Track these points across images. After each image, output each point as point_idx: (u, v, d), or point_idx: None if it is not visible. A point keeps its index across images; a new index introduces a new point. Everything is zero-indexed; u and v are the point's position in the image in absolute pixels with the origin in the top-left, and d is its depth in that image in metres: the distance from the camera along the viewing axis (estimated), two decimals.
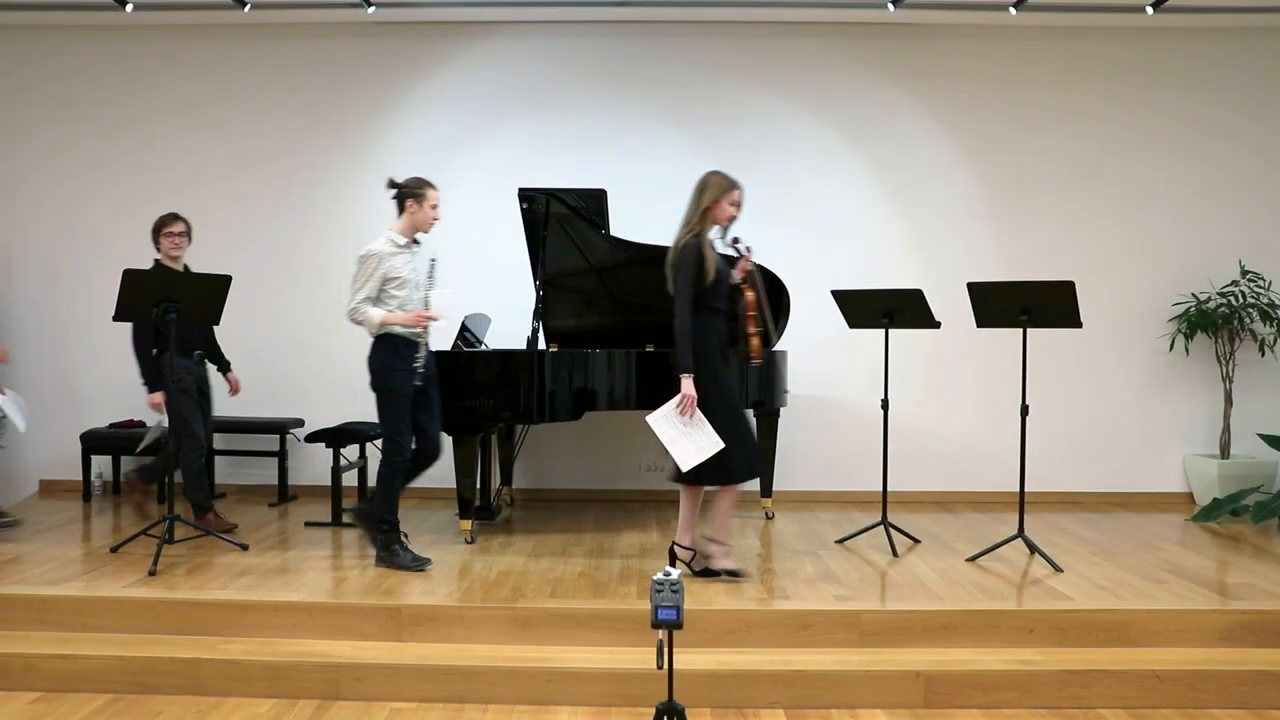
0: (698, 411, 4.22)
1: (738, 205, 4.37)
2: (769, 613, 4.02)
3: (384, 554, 4.64)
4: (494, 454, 6.26)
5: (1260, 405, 6.53)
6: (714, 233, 4.40)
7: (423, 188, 4.53)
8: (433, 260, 4.69)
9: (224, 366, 5.59)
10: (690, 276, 4.24)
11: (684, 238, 4.33)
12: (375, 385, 4.56)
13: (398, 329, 4.50)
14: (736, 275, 4.43)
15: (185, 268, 5.37)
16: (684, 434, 4.24)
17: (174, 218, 5.34)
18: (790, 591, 4.29)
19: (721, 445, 4.20)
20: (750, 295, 4.41)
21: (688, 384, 4.21)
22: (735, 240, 4.44)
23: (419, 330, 4.56)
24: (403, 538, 4.70)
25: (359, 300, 4.45)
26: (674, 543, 4.54)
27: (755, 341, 4.42)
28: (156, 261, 5.29)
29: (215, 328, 5.33)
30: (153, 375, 5.17)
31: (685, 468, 4.24)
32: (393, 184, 4.56)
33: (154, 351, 5.16)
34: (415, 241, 4.61)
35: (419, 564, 4.59)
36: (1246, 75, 6.59)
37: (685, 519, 4.52)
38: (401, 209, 4.55)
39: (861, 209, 6.61)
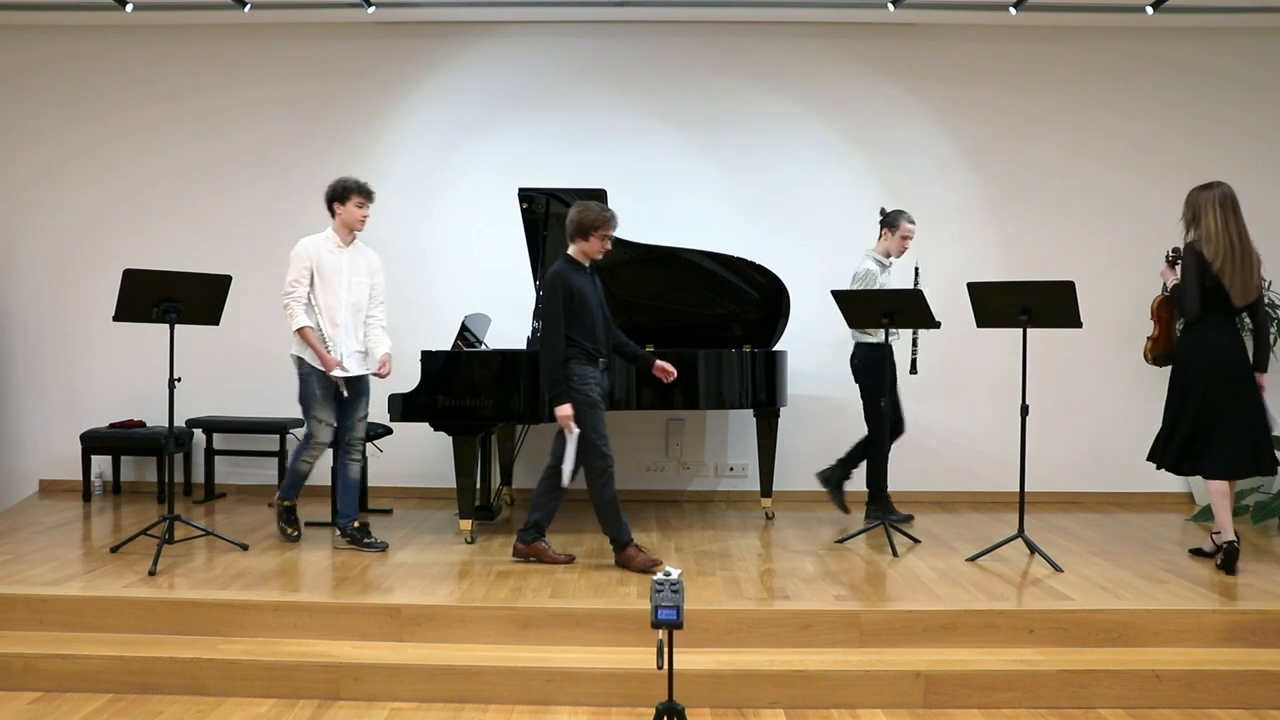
0: None
1: None
2: (769, 613, 4.01)
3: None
4: (494, 454, 6.27)
5: None
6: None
7: (899, 219, 5.57)
8: (916, 269, 5.66)
9: (647, 358, 4.87)
10: None
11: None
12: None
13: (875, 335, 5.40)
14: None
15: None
16: None
17: (612, 215, 4.60)
18: (790, 591, 4.29)
19: None
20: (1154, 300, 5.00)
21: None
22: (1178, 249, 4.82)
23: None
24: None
25: None
26: (1234, 542, 4.61)
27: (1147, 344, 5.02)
28: (571, 258, 4.61)
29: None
30: (560, 383, 4.50)
31: None
32: (884, 211, 5.64)
33: (564, 359, 4.53)
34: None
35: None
36: (1248, 74, 6.59)
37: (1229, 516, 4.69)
38: (882, 233, 5.63)
39: (861, 209, 6.60)
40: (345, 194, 4.97)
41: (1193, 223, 4.74)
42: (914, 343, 5.70)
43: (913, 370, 5.65)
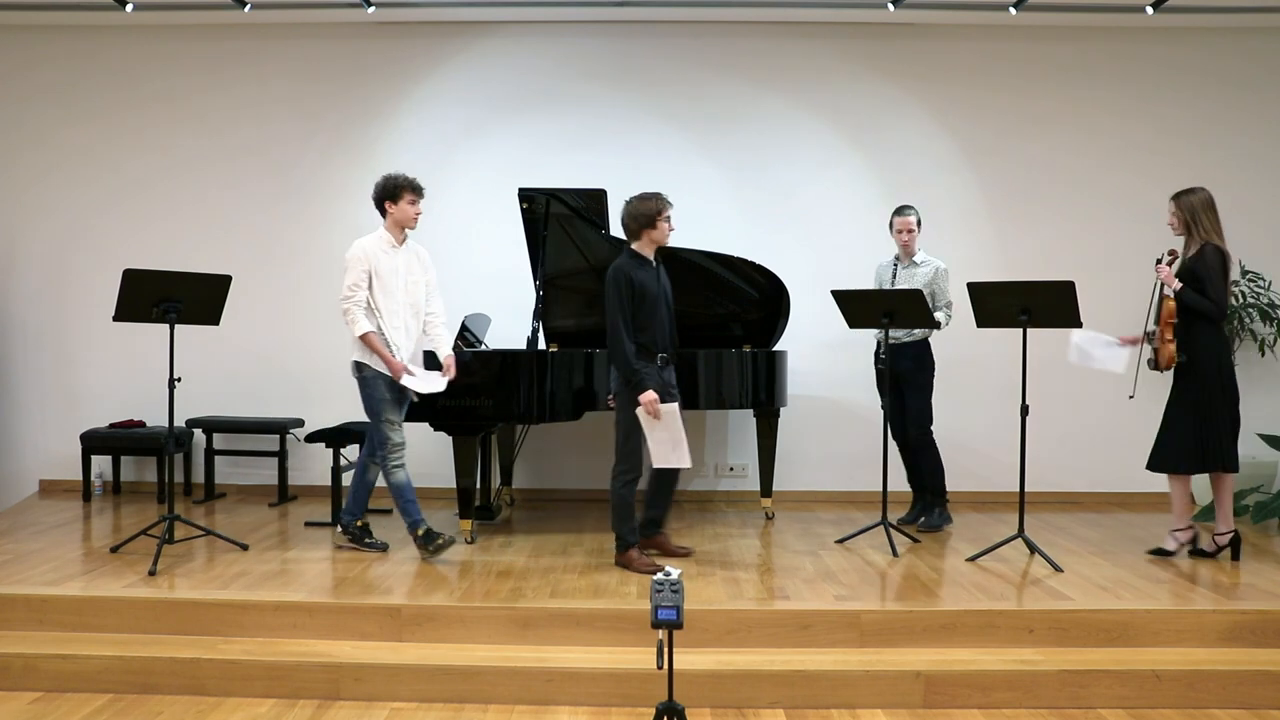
0: None
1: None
2: (769, 613, 4.02)
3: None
4: (494, 454, 6.27)
5: (1260, 405, 6.51)
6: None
7: (892, 218, 5.61)
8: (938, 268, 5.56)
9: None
10: None
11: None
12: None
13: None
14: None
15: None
16: None
17: (665, 196, 4.67)
18: (790, 591, 4.29)
19: None
20: (1170, 304, 4.85)
21: None
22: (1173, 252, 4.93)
23: None
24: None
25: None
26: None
27: (1169, 349, 4.87)
28: (633, 252, 4.67)
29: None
30: (637, 373, 4.51)
31: None
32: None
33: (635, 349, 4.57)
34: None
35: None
36: (1248, 74, 6.59)
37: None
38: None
39: (861, 209, 6.61)
40: (397, 191, 4.77)
41: (1194, 226, 4.78)
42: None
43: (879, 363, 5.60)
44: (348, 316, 4.72)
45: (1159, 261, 4.87)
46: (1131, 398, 4.94)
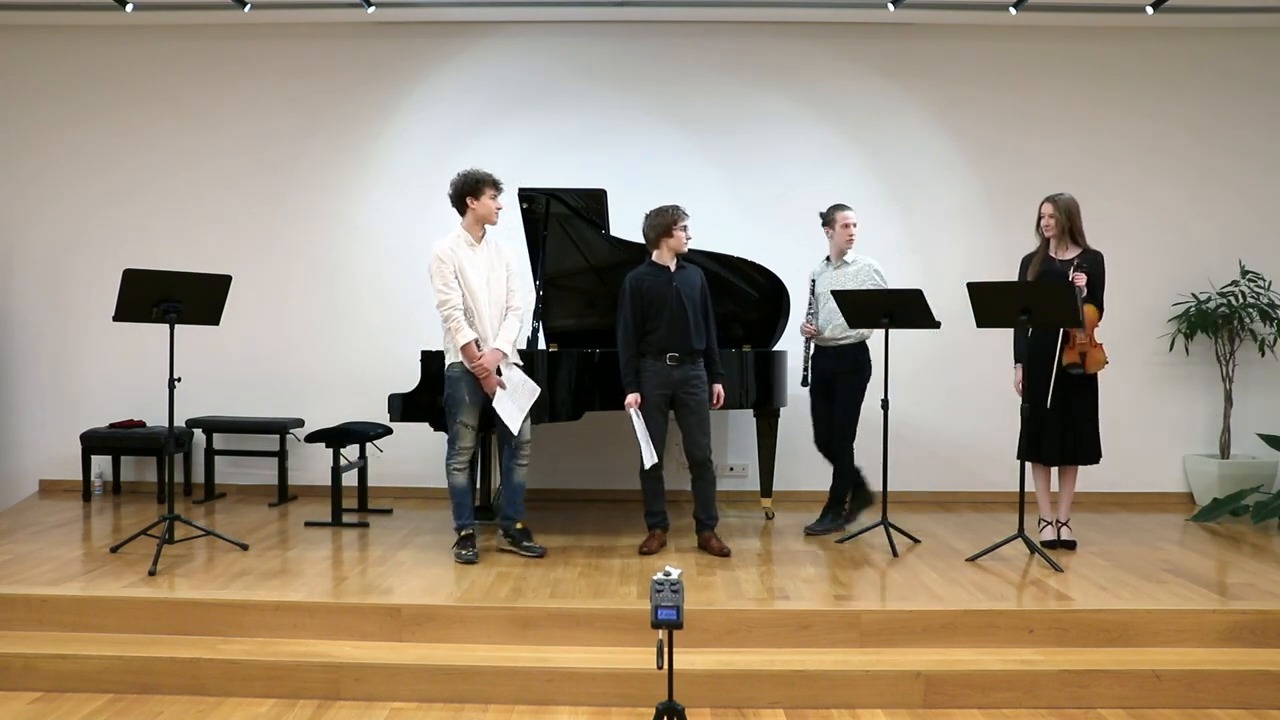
0: None
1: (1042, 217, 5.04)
2: (769, 613, 4.02)
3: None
4: (494, 454, 6.26)
5: (1260, 405, 6.53)
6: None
7: (835, 213, 5.49)
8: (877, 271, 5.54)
9: (713, 375, 5.01)
10: None
11: None
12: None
13: None
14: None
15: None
16: None
17: (680, 207, 4.91)
18: (790, 591, 4.29)
19: None
20: (1092, 309, 4.91)
21: None
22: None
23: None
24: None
25: None
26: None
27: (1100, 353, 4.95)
28: (650, 260, 4.96)
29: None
30: (625, 376, 4.87)
31: None
32: (821, 213, 5.58)
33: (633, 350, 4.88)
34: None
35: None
36: (1247, 74, 6.59)
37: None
38: (826, 233, 5.56)
39: (861, 209, 6.57)
40: (478, 187, 4.75)
41: (1072, 228, 4.97)
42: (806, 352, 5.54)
43: (803, 382, 5.52)
44: (449, 324, 4.68)
45: (1077, 269, 4.87)
46: (1049, 406, 4.91)
